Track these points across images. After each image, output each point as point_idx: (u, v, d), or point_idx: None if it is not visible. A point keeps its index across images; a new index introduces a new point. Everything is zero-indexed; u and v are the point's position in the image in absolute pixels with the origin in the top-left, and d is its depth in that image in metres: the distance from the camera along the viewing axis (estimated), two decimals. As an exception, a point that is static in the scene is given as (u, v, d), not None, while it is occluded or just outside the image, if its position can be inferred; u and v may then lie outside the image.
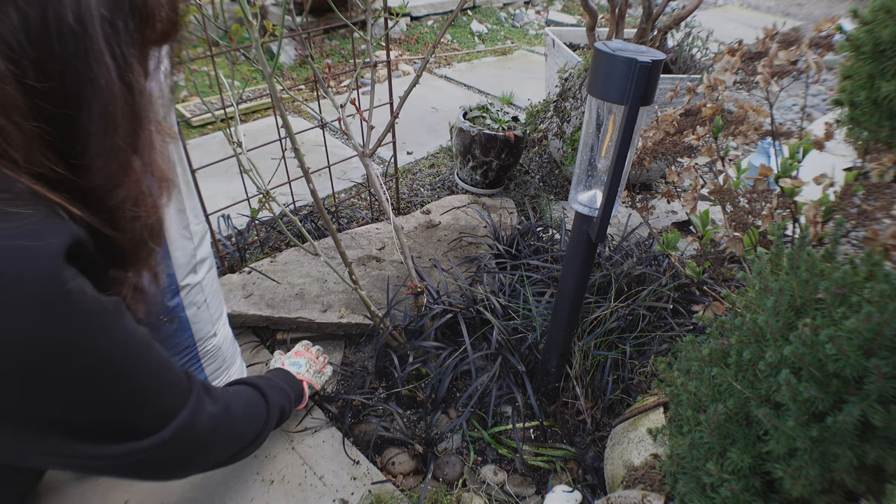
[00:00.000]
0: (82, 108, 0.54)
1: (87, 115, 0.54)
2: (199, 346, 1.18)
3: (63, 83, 0.52)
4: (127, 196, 0.61)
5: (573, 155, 2.20)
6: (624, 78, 0.86)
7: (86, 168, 0.57)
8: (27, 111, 0.51)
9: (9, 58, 0.49)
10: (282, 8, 1.13)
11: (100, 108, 0.55)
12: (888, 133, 1.03)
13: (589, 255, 1.14)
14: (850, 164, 2.41)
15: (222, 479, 1.23)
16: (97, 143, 0.56)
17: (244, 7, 1.02)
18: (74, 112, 0.54)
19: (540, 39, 4.85)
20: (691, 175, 1.36)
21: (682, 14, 2.13)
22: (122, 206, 0.61)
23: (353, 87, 1.38)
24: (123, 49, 0.56)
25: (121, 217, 0.61)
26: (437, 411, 1.41)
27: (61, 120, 0.54)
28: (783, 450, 0.70)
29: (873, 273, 0.74)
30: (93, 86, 0.54)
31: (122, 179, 0.60)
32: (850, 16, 1.06)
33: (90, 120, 0.55)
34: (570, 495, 1.23)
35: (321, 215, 1.29)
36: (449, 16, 2.74)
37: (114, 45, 0.55)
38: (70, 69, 0.52)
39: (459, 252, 1.91)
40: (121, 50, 0.56)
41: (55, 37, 0.51)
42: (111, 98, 0.55)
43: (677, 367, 0.96)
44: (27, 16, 0.49)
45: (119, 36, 0.55)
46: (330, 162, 1.96)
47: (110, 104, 0.55)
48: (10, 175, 0.52)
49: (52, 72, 0.51)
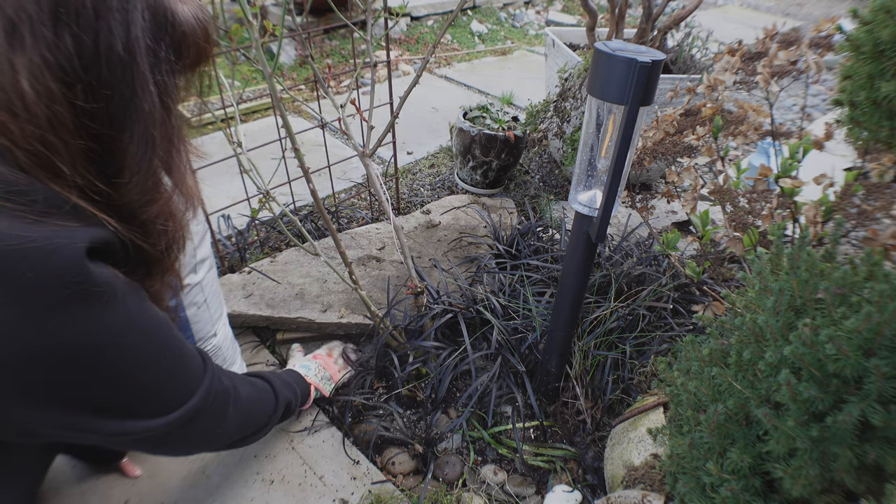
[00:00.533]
0: (125, 129, 0.59)
1: (129, 136, 0.59)
2: (199, 346, 1.18)
3: (109, 106, 0.57)
4: (159, 212, 0.66)
5: (573, 155, 2.20)
6: (624, 78, 0.86)
7: (123, 184, 0.61)
8: (74, 129, 0.55)
9: (62, 80, 0.54)
10: (282, 8, 1.13)
11: (141, 130, 0.60)
12: (888, 133, 1.03)
13: (589, 255, 1.14)
14: (850, 164, 2.41)
15: (222, 480, 1.23)
16: (136, 162, 0.60)
17: (244, 7, 1.02)
18: (118, 133, 0.58)
19: (540, 39, 4.85)
20: (691, 175, 1.36)
21: (682, 14, 2.13)
22: (153, 221, 0.66)
23: (353, 87, 1.38)
24: (165, 76, 0.61)
25: (152, 230, 0.66)
26: (437, 411, 1.41)
27: (104, 139, 0.58)
28: (783, 450, 0.70)
29: (873, 273, 0.74)
30: (136, 110, 0.58)
31: (155, 196, 0.64)
32: (849, 16, 1.06)
33: (131, 140, 0.59)
34: (570, 495, 1.23)
35: (321, 215, 1.29)
36: (449, 16, 2.74)
37: (157, 73, 0.60)
38: (117, 93, 0.57)
39: (459, 252, 1.91)
40: (163, 77, 0.61)
41: (105, 63, 0.55)
42: (152, 121, 0.60)
43: (677, 367, 0.96)
44: (81, 42, 0.54)
45: (161, 65, 0.60)
46: (330, 162, 1.96)
47: (151, 127, 0.60)
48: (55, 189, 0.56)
49: (101, 95, 0.56)
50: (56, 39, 0.53)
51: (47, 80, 0.53)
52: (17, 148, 0.54)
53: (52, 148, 0.54)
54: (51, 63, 0.53)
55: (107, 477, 1.19)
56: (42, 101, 0.53)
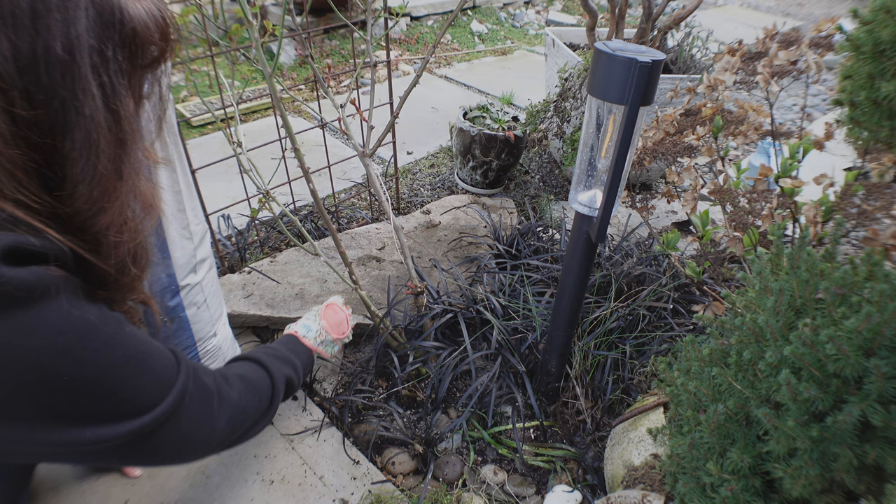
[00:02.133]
0: (66, 136, 0.55)
1: (70, 143, 0.55)
2: (199, 346, 1.18)
3: (48, 112, 0.53)
4: (111, 222, 0.61)
5: (573, 155, 2.20)
6: (624, 78, 0.86)
7: (68, 195, 0.57)
8: (11, 139, 0.52)
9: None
10: (282, 8, 1.13)
11: (83, 136, 0.55)
12: (888, 133, 1.03)
13: (589, 255, 1.14)
14: (850, 164, 2.41)
15: (222, 480, 1.23)
16: (79, 170, 0.56)
17: (244, 7, 1.02)
18: (59, 141, 0.55)
19: (540, 39, 4.85)
20: (691, 175, 1.36)
21: (682, 14, 2.13)
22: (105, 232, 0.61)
23: (353, 87, 1.38)
24: (112, 77, 0.57)
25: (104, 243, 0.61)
26: (437, 411, 1.41)
27: (44, 147, 0.54)
28: (783, 450, 0.70)
29: (873, 273, 0.74)
30: (77, 114, 0.54)
31: (104, 205, 0.60)
32: (850, 16, 1.06)
33: (73, 147, 0.55)
34: (570, 495, 1.23)
35: (321, 215, 1.29)
36: (449, 16, 2.74)
37: (101, 74, 0.56)
38: (57, 98, 0.53)
39: (459, 252, 1.91)
40: (109, 78, 0.56)
41: (43, 67, 0.52)
42: (95, 126, 0.56)
43: (677, 367, 0.96)
44: (16, 46, 0.50)
45: (108, 65, 0.56)
46: (330, 162, 1.96)
47: (93, 132, 0.56)
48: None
49: (39, 101, 0.52)
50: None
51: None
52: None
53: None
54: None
55: (107, 477, 1.19)
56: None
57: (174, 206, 1.03)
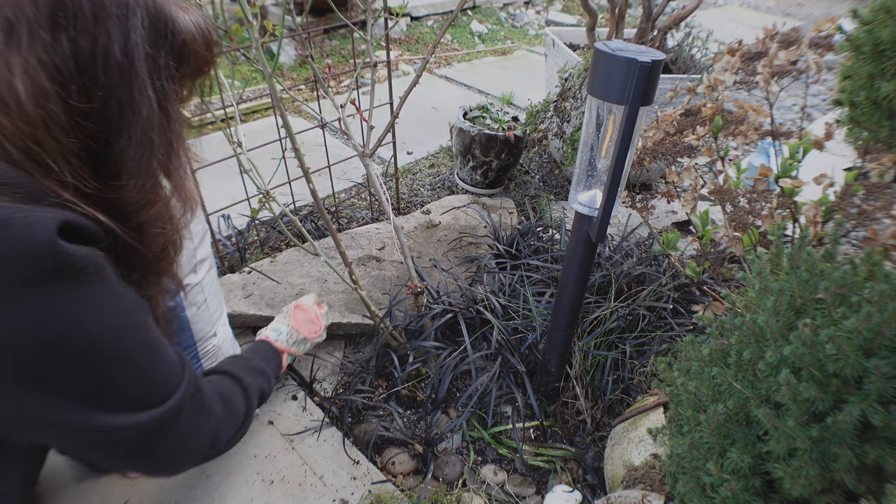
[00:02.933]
0: (122, 131, 0.60)
1: (126, 138, 0.60)
2: (199, 346, 1.18)
3: (106, 108, 0.58)
4: (157, 215, 0.66)
5: (573, 155, 2.20)
6: (624, 78, 0.86)
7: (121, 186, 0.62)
8: (69, 128, 0.57)
9: (56, 80, 0.55)
10: (282, 8, 1.13)
11: (139, 134, 0.61)
12: (888, 133, 1.03)
13: (589, 255, 1.14)
14: (850, 164, 2.41)
15: (222, 479, 1.23)
16: (134, 164, 0.61)
17: (244, 7, 1.02)
18: (115, 135, 0.59)
19: (540, 39, 4.85)
20: (691, 175, 1.36)
21: (682, 14, 2.13)
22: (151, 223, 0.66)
23: (353, 87, 1.38)
24: (164, 82, 0.62)
25: (148, 232, 0.66)
26: (437, 411, 1.41)
27: (101, 140, 0.59)
28: (783, 450, 0.70)
29: (873, 273, 0.74)
30: (134, 113, 0.60)
31: (153, 199, 0.65)
32: (850, 16, 1.06)
33: (129, 143, 0.60)
34: (570, 495, 1.23)
35: (321, 215, 1.29)
36: (449, 16, 2.74)
37: (155, 79, 0.61)
38: (114, 96, 0.58)
39: (459, 252, 1.91)
40: (161, 83, 0.62)
41: (101, 66, 0.57)
42: (150, 126, 0.61)
43: (677, 367, 0.96)
44: (78, 45, 0.55)
45: (160, 71, 0.62)
46: (330, 162, 1.96)
47: (149, 131, 0.61)
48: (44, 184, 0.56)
49: (96, 96, 0.57)
50: (53, 41, 0.54)
51: (42, 79, 0.54)
52: (9, 143, 0.55)
53: (43, 145, 0.55)
54: (46, 63, 0.54)
55: (107, 477, 1.19)
56: (35, 99, 0.54)
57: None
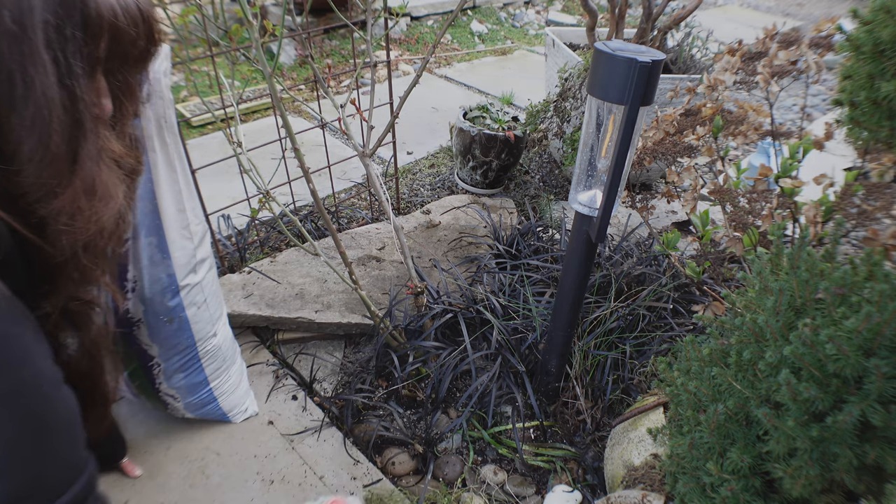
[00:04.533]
0: (14, 109, 0.52)
1: (17, 117, 0.53)
2: (199, 346, 1.18)
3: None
4: (61, 208, 0.57)
5: (573, 155, 2.20)
6: (624, 78, 0.86)
7: (16, 172, 0.54)
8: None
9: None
10: (282, 8, 1.13)
11: (33, 112, 0.53)
12: (888, 133, 1.03)
13: (589, 255, 1.14)
14: (850, 164, 2.41)
15: (222, 480, 1.23)
16: (29, 147, 0.54)
17: (244, 7, 1.02)
18: (4, 113, 0.52)
19: (540, 39, 4.85)
20: (691, 175, 1.36)
21: (682, 14, 2.13)
22: (53, 218, 0.57)
23: (353, 87, 1.38)
24: (69, 57, 0.54)
25: (51, 229, 0.58)
26: (437, 411, 1.41)
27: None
28: (783, 450, 0.70)
29: (873, 273, 0.74)
30: (26, 88, 0.52)
31: (55, 189, 0.56)
32: (850, 16, 1.06)
33: (21, 122, 0.53)
34: (570, 495, 1.23)
35: (321, 215, 1.29)
36: (449, 16, 2.74)
37: (57, 52, 0.53)
38: (3, 69, 0.51)
39: (459, 252, 1.91)
40: (65, 57, 0.54)
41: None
42: (46, 103, 0.53)
43: (677, 367, 0.96)
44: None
45: (66, 43, 0.54)
46: (330, 162, 1.96)
47: (44, 109, 0.53)
48: None
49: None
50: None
51: None
52: None
53: None
54: None
55: (107, 477, 1.19)
56: None
57: (174, 207, 1.03)
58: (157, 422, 1.33)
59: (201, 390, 1.24)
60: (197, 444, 1.30)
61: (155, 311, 1.09)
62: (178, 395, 1.23)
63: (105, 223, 0.62)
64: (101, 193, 0.61)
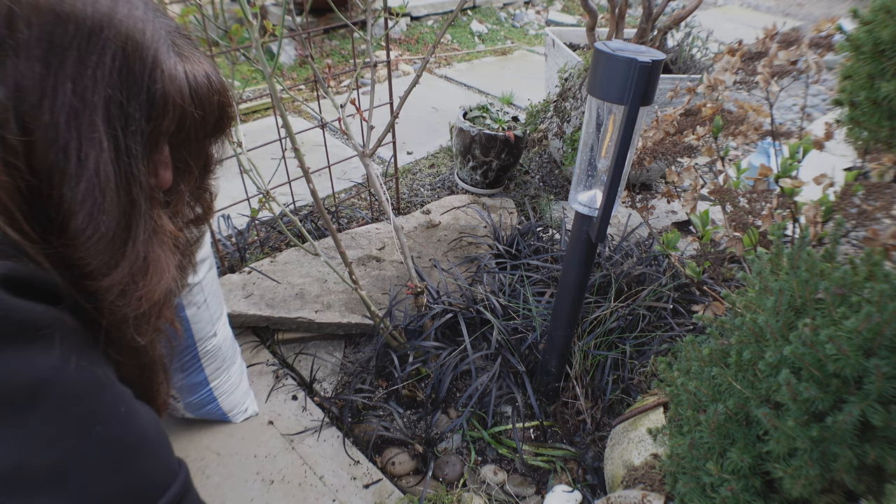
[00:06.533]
0: (65, 182, 0.51)
1: (69, 191, 0.51)
2: (199, 346, 1.18)
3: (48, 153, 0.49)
4: (111, 285, 0.56)
5: (573, 155, 2.20)
6: (624, 78, 0.86)
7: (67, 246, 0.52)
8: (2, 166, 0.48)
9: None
10: (282, 8, 1.13)
11: (85, 188, 0.51)
12: (888, 133, 1.03)
13: (589, 255, 1.14)
14: (850, 164, 2.41)
15: (222, 480, 1.23)
16: (80, 222, 0.52)
17: (244, 7, 1.02)
18: (56, 186, 0.51)
19: (540, 39, 4.85)
20: (691, 175, 1.36)
21: (682, 14, 2.13)
22: (104, 293, 0.56)
23: (353, 87, 1.38)
24: (128, 136, 0.53)
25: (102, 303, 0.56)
26: (437, 411, 1.41)
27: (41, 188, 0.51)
28: (783, 450, 0.70)
29: (873, 273, 0.74)
30: (80, 164, 0.50)
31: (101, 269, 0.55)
32: (850, 16, 1.06)
33: (74, 198, 0.51)
34: (570, 495, 1.23)
35: (321, 215, 1.29)
36: (449, 16, 2.74)
37: (118, 129, 0.52)
38: (59, 141, 0.50)
39: (459, 252, 1.91)
40: (124, 136, 0.53)
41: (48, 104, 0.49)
42: (99, 182, 0.52)
43: (677, 367, 0.96)
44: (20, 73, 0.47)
45: (128, 121, 0.53)
46: (330, 162, 1.96)
47: (97, 188, 0.52)
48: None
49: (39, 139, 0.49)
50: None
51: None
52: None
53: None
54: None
55: (107, 477, 1.19)
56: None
57: (174, 206, 1.03)
58: (157, 422, 1.33)
59: (201, 390, 1.24)
60: (197, 444, 1.30)
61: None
62: (178, 395, 1.23)
63: (154, 300, 0.60)
64: (152, 272, 0.59)
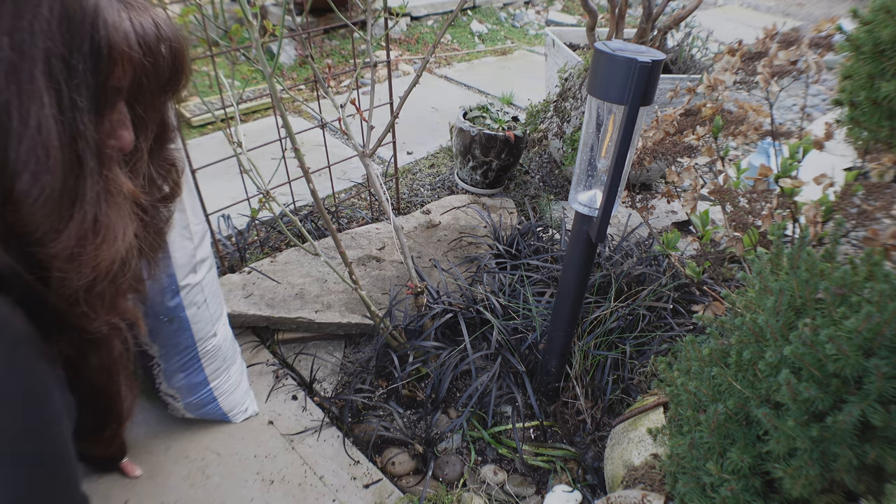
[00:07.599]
0: (9, 143, 0.48)
1: (13, 152, 0.48)
2: (199, 346, 1.18)
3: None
4: (57, 252, 0.52)
5: (573, 155, 2.20)
6: (624, 78, 0.86)
7: (12, 211, 0.50)
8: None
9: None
10: (282, 8, 1.13)
11: (27, 148, 0.48)
12: (888, 133, 1.03)
13: (589, 255, 1.14)
14: (850, 164, 2.41)
15: (222, 480, 1.23)
16: (23, 185, 0.49)
17: (244, 7, 1.02)
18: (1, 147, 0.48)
19: (540, 39, 4.85)
20: (691, 175, 1.36)
21: (682, 14, 2.13)
22: (48, 262, 0.53)
23: (353, 87, 1.38)
24: (72, 90, 0.49)
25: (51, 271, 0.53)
26: (437, 411, 1.41)
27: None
28: (783, 450, 0.70)
29: (873, 273, 0.74)
30: (22, 122, 0.48)
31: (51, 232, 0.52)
32: (850, 16, 1.06)
33: (17, 158, 0.48)
34: (570, 495, 1.23)
35: (321, 215, 1.29)
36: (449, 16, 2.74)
37: (61, 83, 0.49)
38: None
39: (459, 252, 1.91)
40: (68, 89, 0.49)
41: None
42: (42, 139, 0.49)
43: (677, 367, 0.96)
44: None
45: (70, 75, 0.49)
46: (330, 162, 1.96)
47: (39, 146, 0.49)
48: None
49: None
50: None
51: None
52: None
53: None
54: None
55: (107, 477, 1.19)
56: None
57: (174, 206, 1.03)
58: (157, 422, 1.33)
59: (201, 390, 1.24)
60: (197, 444, 1.30)
61: (155, 311, 1.09)
62: (178, 395, 1.24)
63: (104, 267, 0.56)
64: (103, 235, 0.56)
